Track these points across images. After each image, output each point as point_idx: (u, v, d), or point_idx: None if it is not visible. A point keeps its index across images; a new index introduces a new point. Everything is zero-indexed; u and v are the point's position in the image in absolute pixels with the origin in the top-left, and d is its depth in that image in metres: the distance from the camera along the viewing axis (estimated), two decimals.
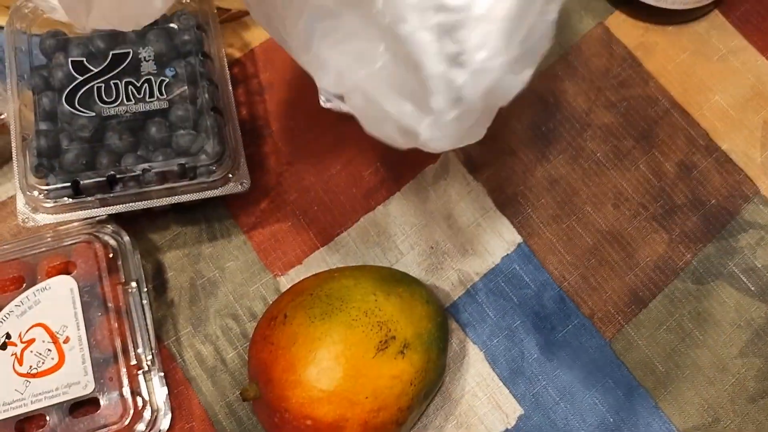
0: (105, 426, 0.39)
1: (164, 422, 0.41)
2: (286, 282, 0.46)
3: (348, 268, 0.42)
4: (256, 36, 0.52)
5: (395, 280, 0.40)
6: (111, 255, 0.42)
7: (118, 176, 0.40)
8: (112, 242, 0.43)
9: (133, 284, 0.42)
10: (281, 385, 0.37)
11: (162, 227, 0.47)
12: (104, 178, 0.40)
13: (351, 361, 0.37)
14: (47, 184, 0.40)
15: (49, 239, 0.43)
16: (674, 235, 0.48)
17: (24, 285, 0.41)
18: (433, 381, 0.40)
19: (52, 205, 0.40)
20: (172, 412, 0.42)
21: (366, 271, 0.41)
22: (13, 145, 0.41)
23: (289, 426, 0.37)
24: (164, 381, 0.41)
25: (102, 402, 0.39)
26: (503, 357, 0.45)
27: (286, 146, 0.49)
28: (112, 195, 0.41)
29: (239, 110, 0.49)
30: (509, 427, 0.44)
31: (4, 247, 0.43)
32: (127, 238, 0.43)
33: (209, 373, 0.44)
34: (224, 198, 0.48)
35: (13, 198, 0.47)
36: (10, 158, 0.47)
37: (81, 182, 0.40)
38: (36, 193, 0.40)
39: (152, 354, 0.41)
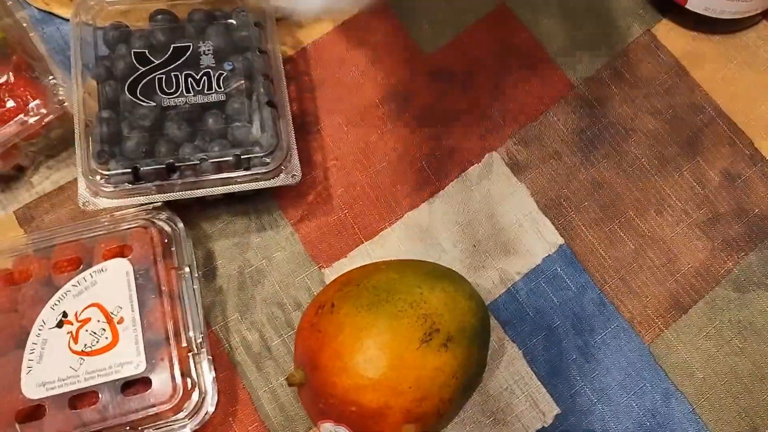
0: (155, 405, 0.39)
1: (211, 405, 0.41)
2: (330, 274, 0.46)
3: (394, 262, 0.42)
4: (308, 34, 0.52)
5: (440, 275, 0.40)
6: (165, 240, 0.43)
7: (176, 164, 0.41)
8: (166, 228, 0.43)
9: (186, 269, 0.42)
10: (327, 372, 0.37)
11: (213, 216, 0.47)
12: (163, 166, 0.41)
13: (396, 351, 0.37)
14: (108, 170, 0.40)
15: (106, 223, 0.43)
16: (716, 242, 0.47)
17: (81, 266, 0.42)
18: (474, 375, 0.40)
19: (112, 190, 0.41)
20: (217, 396, 0.42)
21: (411, 265, 0.41)
22: (77, 131, 0.42)
23: (334, 411, 0.37)
24: (212, 364, 0.41)
25: (153, 382, 0.40)
26: (542, 356, 0.45)
27: (334, 142, 0.49)
28: (169, 182, 0.41)
29: (290, 106, 0.49)
30: (546, 426, 0.43)
31: (63, 229, 0.43)
32: (181, 225, 0.43)
33: (254, 359, 0.44)
34: (273, 190, 0.48)
35: (70, 183, 0.48)
36: (69, 146, 0.48)
37: (141, 169, 0.40)
38: (98, 177, 0.40)
39: (202, 337, 0.41)
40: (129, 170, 0.40)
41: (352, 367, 0.36)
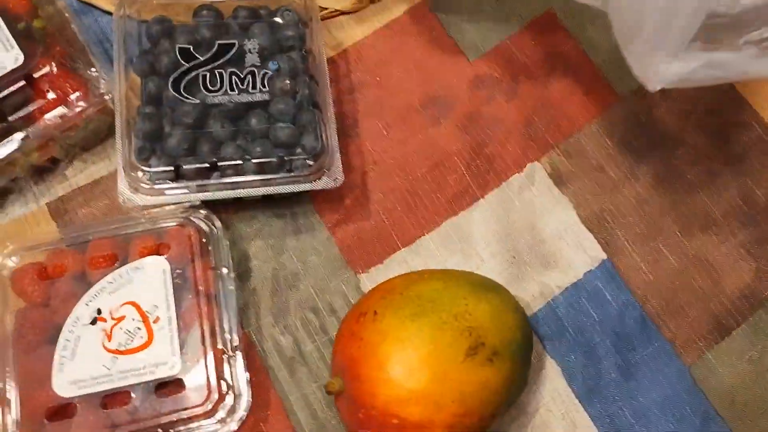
0: (188, 408, 0.38)
1: (244, 409, 0.40)
2: (366, 280, 0.45)
3: (437, 271, 0.41)
4: (349, 35, 0.51)
5: (485, 286, 0.39)
6: (203, 240, 0.42)
7: (218, 164, 0.40)
8: (204, 227, 0.42)
9: (224, 269, 0.41)
10: (369, 382, 0.36)
11: (249, 217, 0.46)
12: (205, 165, 0.40)
13: (440, 363, 0.35)
14: (149, 167, 0.40)
15: (143, 220, 0.42)
16: (761, 263, 0.46)
17: (117, 263, 0.41)
18: (516, 391, 0.39)
19: (151, 187, 0.40)
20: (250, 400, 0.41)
21: (455, 275, 0.40)
22: (118, 127, 0.41)
23: (374, 423, 0.36)
24: (246, 368, 0.40)
25: (187, 383, 0.39)
26: (580, 374, 0.43)
27: (373, 146, 0.48)
28: (210, 182, 0.40)
29: None
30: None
31: (99, 224, 0.43)
32: (219, 224, 0.42)
33: (287, 364, 0.43)
34: (311, 193, 0.47)
35: (105, 178, 0.47)
36: (105, 139, 0.48)
37: (182, 167, 0.39)
38: (139, 174, 0.40)
39: (238, 339, 0.40)
40: (171, 168, 0.39)
41: (395, 378, 0.35)
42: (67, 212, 0.46)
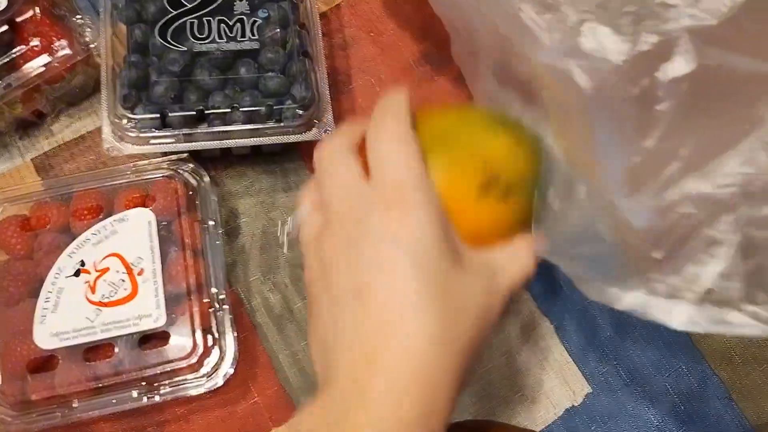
0: (173, 361, 0.37)
1: (230, 365, 0.39)
2: None
3: (454, 106, 0.39)
4: None
5: (504, 121, 0.36)
6: (190, 193, 0.41)
7: (205, 112, 0.39)
8: (191, 180, 0.41)
9: (211, 222, 0.40)
10: None
11: (238, 173, 0.45)
12: (192, 113, 0.38)
13: (452, 198, 0.33)
14: (134, 114, 0.38)
15: (128, 173, 0.41)
16: None
17: (101, 215, 0.40)
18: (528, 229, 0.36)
19: (137, 135, 0.39)
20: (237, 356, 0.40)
21: (473, 111, 0.38)
22: (103, 74, 0.40)
23: None
24: (234, 324, 0.39)
25: (172, 337, 0.38)
26: (575, 333, 0.42)
27: (366, 102, 0.47)
28: (197, 131, 0.39)
29: None
30: (575, 404, 0.41)
31: (84, 176, 0.41)
32: (206, 178, 0.41)
33: (276, 321, 0.42)
34: (301, 148, 0.46)
35: (91, 133, 0.46)
36: (91, 93, 0.46)
37: (168, 115, 0.38)
38: (124, 121, 0.38)
39: (225, 294, 0.39)
40: (157, 115, 0.38)
41: None
42: (53, 168, 0.45)
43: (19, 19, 0.40)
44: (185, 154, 0.41)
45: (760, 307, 0.28)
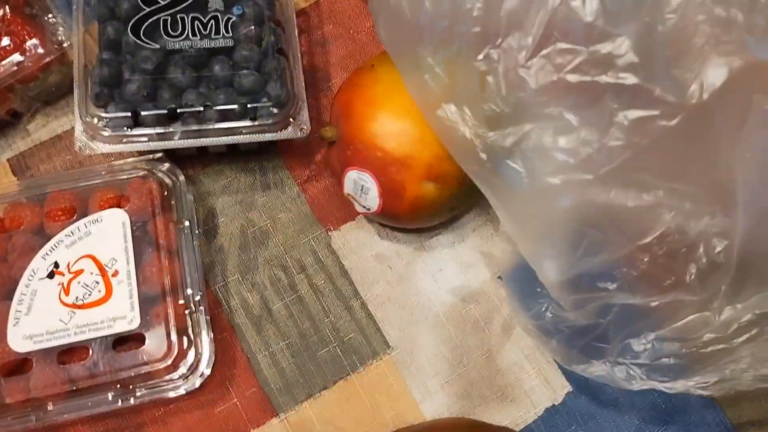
0: (148, 363, 0.37)
1: (207, 366, 0.38)
2: (337, 237, 0.44)
3: None
4: None
5: None
6: (165, 193, 0.40)
7: (178, 111, 0.38)
8: (167, 180, 0.40)
9: (186, 223, 0.39)
10: (360, 117, 0.38)
11: (216, 172, 0.45)
12: (165, 112, 0.38)
13: None
14: (107, 113, 0.38)
15: (103, 173, 0.41)
16: None
17: (75, 216, 0.39)
18: None
19: (110, 134, 0.38)
20: (214, 357, 0.40)
21: None
22: (76, 72, 0.39)
23: (360, 157, 0.37)
24: (210, 325, 0.39)
25: (147, 339, 0.37)
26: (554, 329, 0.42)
27: None
28: (170, 130, 0.38)
29: (301, 60, 0.47)
30: (556, 404, 0.41)
31: (58, 177, 0.41)
32: (182, 178, 0.40)
33: (254, 322, 0.42)
34: (280, 147, 0.45)
35: (68, 132, 0.45)
36: (68, 92, 0.46)
37: (141, 113, 0.38)
38: (96, 120, 0.38)
39: (201, 295, 0.38)
40: (128, 114, 0.37)
41: (383, 115, 0.37)
42: (29, 168, 0.44)
43: None
44: (160, 153, 0.41)
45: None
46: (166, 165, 0.41)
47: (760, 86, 0.30)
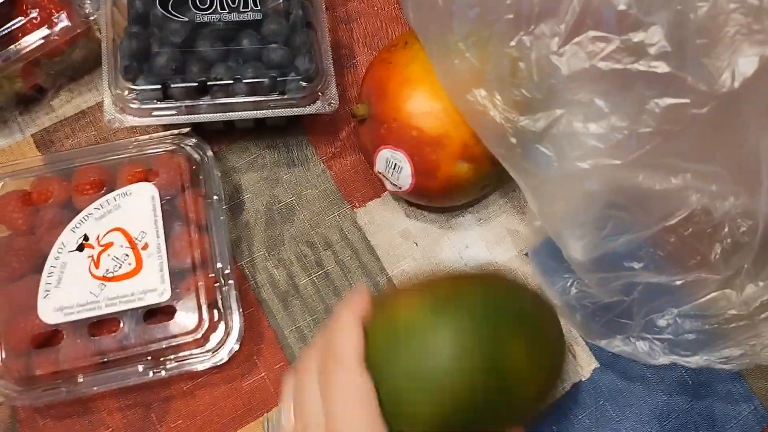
0: (179, 335, 0.37)
1: (236, 340, 0.38)
2: (363, 214, 0.43)
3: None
4: None
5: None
6: (193, 167, 0.40)
7: (208, 84, 0.38)
8: (195, 155, 0.40)
9: (215, 197, 0.39)
10: (395, 96, 0.37)
11: (241, 149, 0.44)
12: (194, 84, 0.38)
13: None
14: (136, 86, 0.37)
15: (130, 148, 0.40)
16: None
17: (104, 189, 0.39)
18: None
19: (139, 107, 0.38)
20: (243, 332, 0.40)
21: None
22: (104, 46, 0.39)
23: (395, 135, 0.37)
24: (239, 297, 0.39)
25: (177, 311, 0.37)
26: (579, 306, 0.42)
27: None
28: (199, 103, 0.38)
29: None
30: (584, 379, 0.41)
31: (86, 151, 0.41)
32: (210, 153, 0.40)
33: (281, 298, 0.42)
34: (305, 124, 0.45)
35: (92, 108, 0.45)
36: (93, 68, 0.46)
37: (170, 86, 0.37)
38: (126, 93, 0.37)
39: (230, 269, 0.38)
40: (158, 87, 0.37)
41: (419, 94, 0.37)
42: (53, 143, 0.44)
43: None
44: (187, 129, 0.41)
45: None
46: (194, 140, 0.41)
47: None
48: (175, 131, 0.41)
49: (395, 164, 0.38)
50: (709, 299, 0.35)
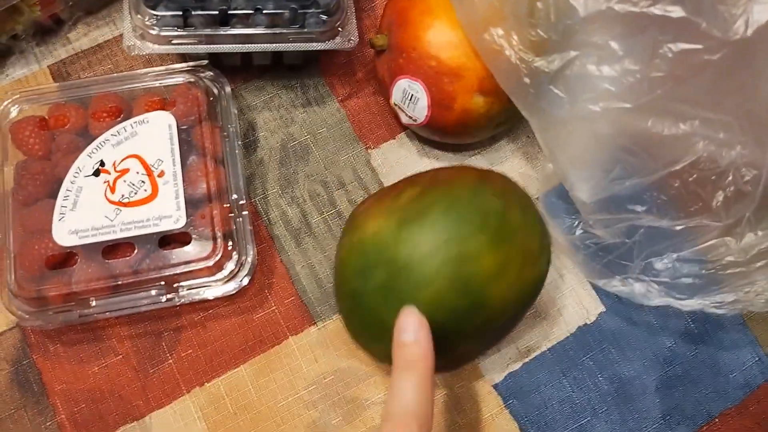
0: (192, 262, 0.36)
1: (248, 271, 0.38)
2: (377, 155, 0.43)
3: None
4: None
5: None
6: (210, 99, 0.39)
7: (228, 12, 0.37)
8: (212, 88, 0.40)
9: (231, 129, 0.39)
10: (415, 26, 0.37)
11: (257, 88, 0.44)
12: (215, 13, 0.37)
13: None
14: (157, 12, 0.37)
15: (147, 78, 0.40)
16: None
17: (121, 117, 0.39)
18: None
19: (158, 33, 0.37)
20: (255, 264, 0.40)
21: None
22: None
23: (413, 66, 0.37)
24: (252, 231, 0.38)
25: (192, 238, 0.37)
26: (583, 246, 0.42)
27: None
28: (219, 33, 0.38)
29: None
30: (588, 323, 0.41)
31: (103, 79, 0.40)
32: (227, 87, 0.40)
33: (293, 234, 0.41)
34: (322, 65, 0.45)
35: (109, 42, 0.45)
36: (110, 2, 0.45)
37: (191, 14, 0.37)
38: (146, 18, 0.37)
39: (245, 201, 0.38)
40: (179, 13, 0.37)
41: (440, 24, 0.37)
42: (70, 75, 0.44)
43: None
44: (205, 62, 0.40)
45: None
46: (211, 73, 0.40)
47: None
48: (193, 63, 0.40)
49: (412, 95, 0.37)
50: (708, 245, 0.36)
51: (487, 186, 0.33)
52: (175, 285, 0.37)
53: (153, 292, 0.37)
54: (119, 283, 0.36)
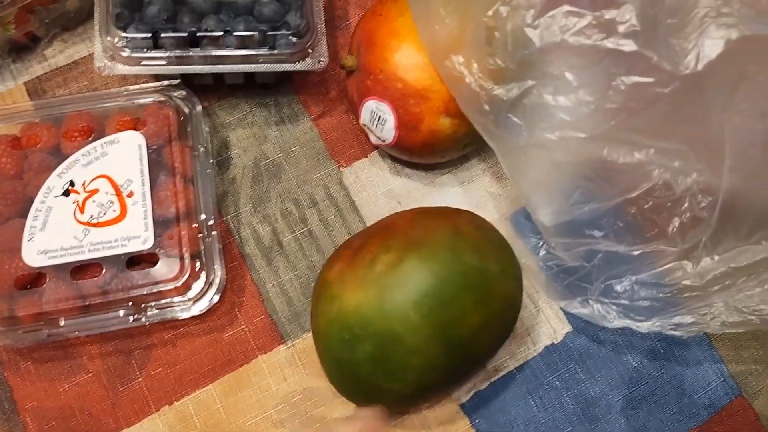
0: (160, 282, 0.36)
1: (217, 290, 0.38)
2: (349, 174, 0.43)
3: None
4: None
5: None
6: (181, 119, 0.39)
7: (198, 35, 0.37)
8: (183, 107, 0.39)
9: (201, 149, 0.39)
10: (382, 48, 0.37)
11: (231, 105, 0.44)
12: (184, 34, 0.37)
13: None
14: (127, 34, 0.37)
15: (121, 97, 0.40)
16: None
17: (92, 136, 0.38)
18: None
19: (129, 55, 0.37)
20: (225, 284, 0.39)
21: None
22: None
23: (380, 87, 0.37)
24: (222, 252, 0.38)
25: (160, 259, 0.37)
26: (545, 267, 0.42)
27: None
28: (189, 54, 0.38)
29: None
30: (555, 342, 0.41)
31: (75, 98, 0.40)
32: (198, 106, 0.40)
33: (264, 253, 0.41)
34: (295, 83, 0.44)
35: (85, 59, 0.44)
36: (86, 19, 0.45)
37: (161, 36, 0.37)
38: (116, 40, 0.37)
39: (214, 221, 0.38)
40: (148, 35, 0.37)
41: (406, 47, 0.37)
42: (45, 92, 0.44)
43: None
44: (177, 81, 0.40)
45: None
46: (183, 92, 0.40)
47: (755, 57, 0.31)
48: (165, 82, 0.40)
49: (380, 116, 0.37)
50: (665, 269, 0.36)
51: (463, 239, 0.33)
52: (143, 305, 0.37)
53: (121, 313, 0.36)
54: (88, 303, 0.36)
